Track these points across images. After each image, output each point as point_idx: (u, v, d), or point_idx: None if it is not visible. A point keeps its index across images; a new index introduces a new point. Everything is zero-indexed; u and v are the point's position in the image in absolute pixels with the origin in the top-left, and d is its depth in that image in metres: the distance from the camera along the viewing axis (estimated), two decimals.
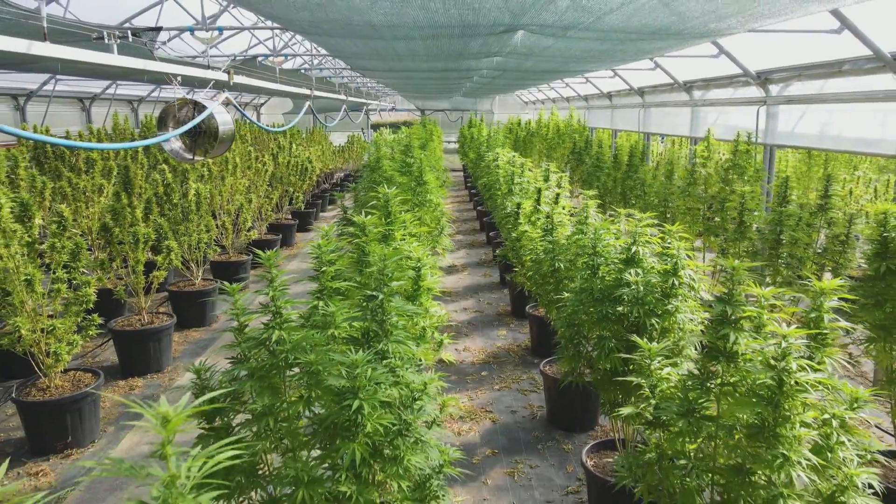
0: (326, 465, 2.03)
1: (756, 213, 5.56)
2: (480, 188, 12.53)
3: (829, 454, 2.17)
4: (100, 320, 5.17)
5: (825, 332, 2.38)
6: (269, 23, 7.46)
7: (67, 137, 9.05)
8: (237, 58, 8.00)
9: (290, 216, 13.34)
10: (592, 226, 3.92)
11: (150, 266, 6.80)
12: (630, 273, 3.55)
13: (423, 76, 11.00)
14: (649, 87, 11.60)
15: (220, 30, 5.47)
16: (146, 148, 10.37)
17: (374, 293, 2.19)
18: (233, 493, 2.00)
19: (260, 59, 8.40)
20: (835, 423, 2.21)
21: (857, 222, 4.69)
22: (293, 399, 2.07)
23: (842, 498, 2.15)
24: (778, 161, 11.24)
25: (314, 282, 2.51)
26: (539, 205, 6.22)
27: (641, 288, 3.50)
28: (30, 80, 11.88)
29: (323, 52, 9.73)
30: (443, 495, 2.15)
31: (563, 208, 6.11)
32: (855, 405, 2.31)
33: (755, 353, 2.26)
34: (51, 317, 4.92)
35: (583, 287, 3.71)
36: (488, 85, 14.42)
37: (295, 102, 25.70)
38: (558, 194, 6.34)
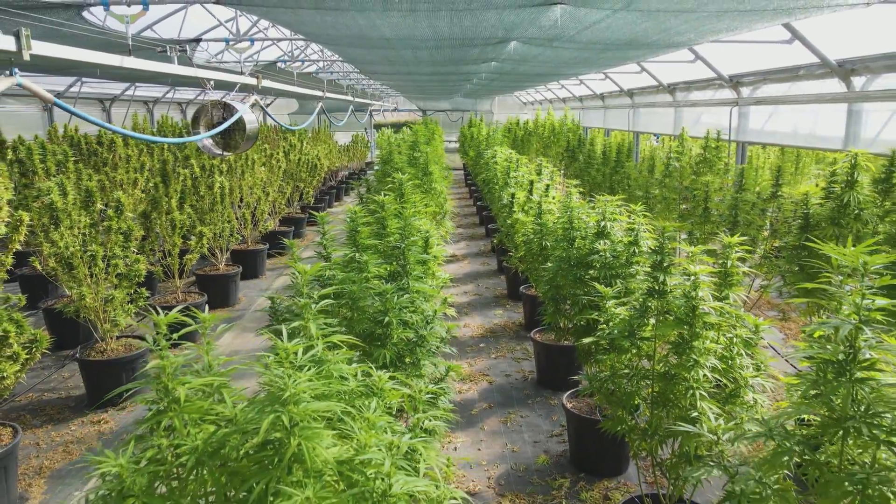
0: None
1: (720, 201, 6.35)
2: (480, 184, 13.32)
3: (731, 361, 2.95)
4: (147, 293, 5.97)
5: (732, 274, 3.16)
6: (286, 31, 8.24)
7: (100, 136, 9.86)
8: (258, 62, 8.80)
9: (299, 210, 14.15)
10: (570, 206, 4.70)
11: (180, 253, 7.59)
12: (600, 244, 4.33)
13: (426, 78, 11.80)
14: (637, 89, 12.39)
15: (252, 41, 6.25)
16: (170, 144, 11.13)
17: (397, 244, 2.97)
18: None
19: (279, 64, 9.19)
20: (736, 340, 3.01)
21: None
22: (340, 318, 2.85)
23: (740, 393, 2.94)
24: (757, 157, 12.04)
25: (348, 242, 3.29)
26: (532, 195, 7.01)
27: (609, 255, 4.29)
28: (58, 83, 12.67)
29: (333, 56, 10.54)
30: (448, 392, 2.93)
31: (553, 198, 6.90)
32: (756, 330, 3.10)
33: (680, 291, 3.05)
34: (107, 289, 5.70)
35: (561, 256, 4.50)
36: (487, 86, 15.22)
37: (300, 103, 26.49)
38: (548, 185, 7.13)
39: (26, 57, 2.71)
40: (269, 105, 25.50)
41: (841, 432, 1.62)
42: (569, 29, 4.81)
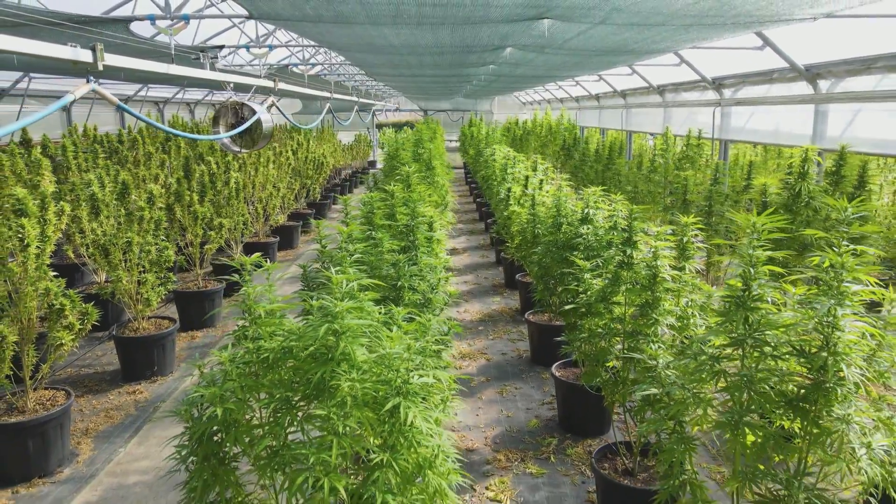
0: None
1: (699, 194, 6.92)
2: (479, 180, 13.91)
3: (686, 321, 3.53)
4: (175, 277, 6.54)
5: (688, 248, 3.73)
6: (297, 37, 8.82)
7: (120, 135, 10.43)
8: (272, 65, 9.38)
9: (306, 207, 14.74)
10: (557, 195, 5.28)
11: (200, 243, 8.17)
12: (584, 228, 4.91)
13: (428, 80, 12.39)
14: (630, 90, 12.97)
15: (271, 47, 6.83)
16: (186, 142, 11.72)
17: (407, 223, 3.54)
18: None
19: (290, 67, 9.77)
20: (691, 304, 3.58)
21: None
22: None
23: (693, 347, 3.52)
24: (744, 155, 12.61)
25: (364, 222, 3.87)
26: (527, 189, 7.59)
27: (592, 239, 4.86)
28: (75, 84, 13.26)
29: (339, 59, 11.12)
30: (450, 345, 3.51)
31: (547, 192, 7.48)
32: (710, 297, 3.68)
33: (644, 262, 3.63)
34: (139, 273, 6.28)
35: (550, 240, 5.08)
36: (487, 87, 15.80)
37: (304, 103, 27.08)
38: (542, 180, 7.71)
39: (100, 67, 3.28)
40: (261, 103, 26.09)
41: (738, 347, 2.19)
42: (557, 38, 5.38)
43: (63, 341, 4.60)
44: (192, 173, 7.83)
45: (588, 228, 4.89)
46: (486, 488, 4.50)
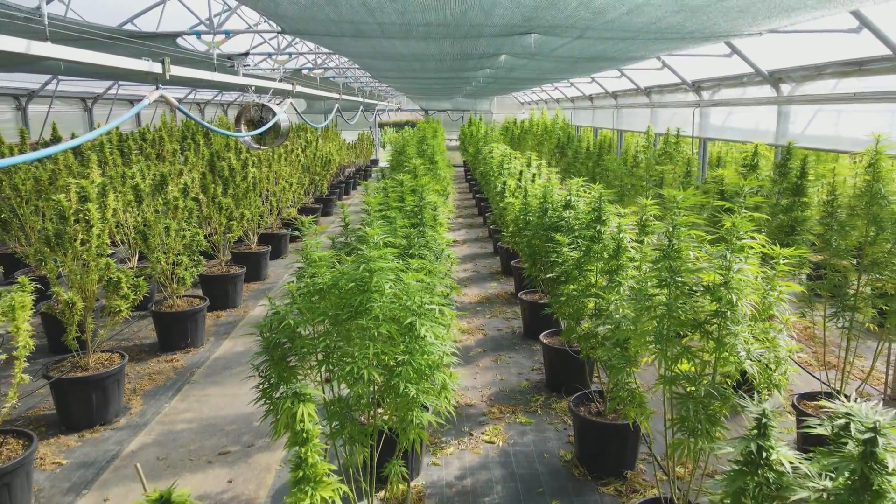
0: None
1: (674, 185, 7.71)
2: (478, 176, 14.70)
3: (645, 284, 4.31)
4: (204, 261, 7.33)
5: (647, 224, 4.51)
6: (311, 44, 9.60)
7: (143, 134, 11.22)
8: (286, 70, 10.17)
9: (314, 202, 15.53)
10: (543, 185, 6.06)
11: (223, 232, 8.94)
12: (567, 213, 5.69)
13: (430, 81, 13.18)
14: (620, 91, 13.76)
15: (290, 54, 7.61)
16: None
17: (417, 204, 4.32)
18: None
19: (304, 70, 10.57)
20: (648, 270, 4.36)
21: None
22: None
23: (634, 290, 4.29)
24: (728, 152, 13.37)
25: (381, 204, 4.65)
26: (521, 182, 8.37)
27: (573, 221, 5.64)
28: (96, 86, 14.04)
29: (348, 63, 11.91)
30: (451, 303, 4.28)
31: (539, 185, 8.25)
32: None
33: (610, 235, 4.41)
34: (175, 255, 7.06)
35: (537, 223, 5.87)
36: (485, 88, 16.59)
37: (308, 103, 27.86)
38: (535, 175, 8.49)
39: (167, 77, 4.04)
40: (279, 104, 26.88)
41: (664, 287, 2.98)
42: (544, 48, 6.16)
43: (121, 308, 5.39)
44: (216, 168, 8.61)
45: (570, 213, 5.67)
46: (482, 433, 5.29)
